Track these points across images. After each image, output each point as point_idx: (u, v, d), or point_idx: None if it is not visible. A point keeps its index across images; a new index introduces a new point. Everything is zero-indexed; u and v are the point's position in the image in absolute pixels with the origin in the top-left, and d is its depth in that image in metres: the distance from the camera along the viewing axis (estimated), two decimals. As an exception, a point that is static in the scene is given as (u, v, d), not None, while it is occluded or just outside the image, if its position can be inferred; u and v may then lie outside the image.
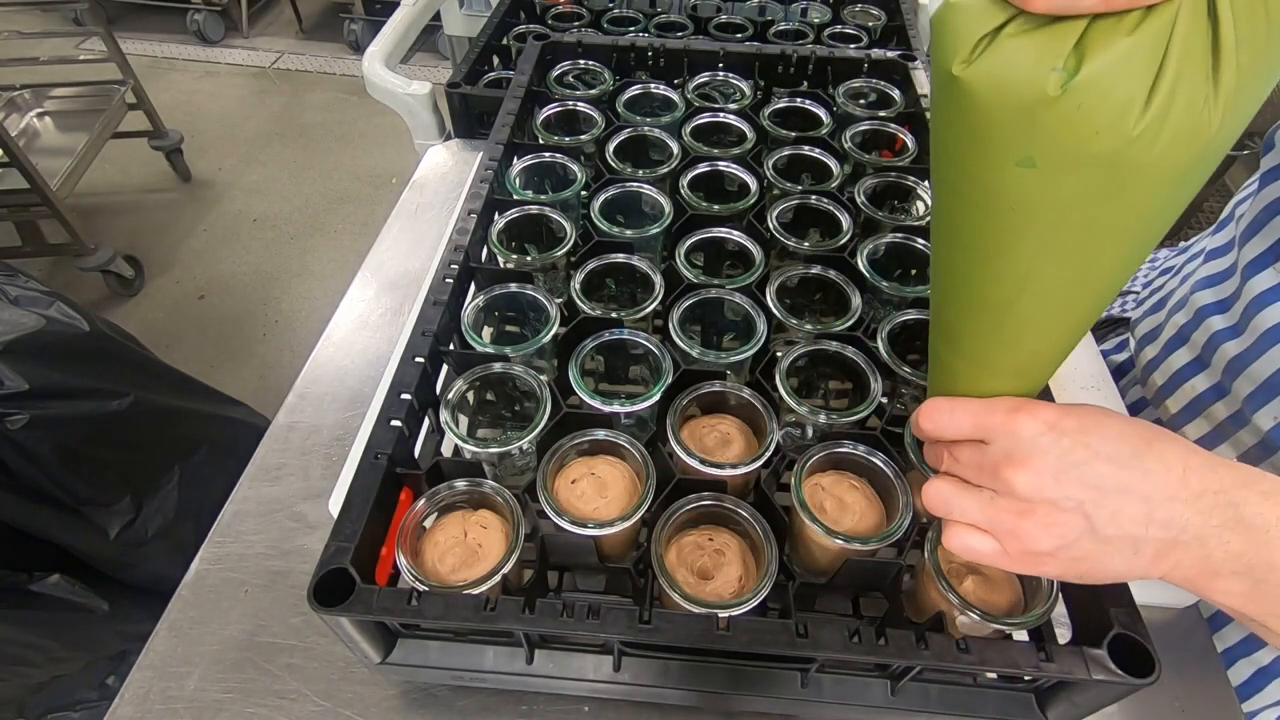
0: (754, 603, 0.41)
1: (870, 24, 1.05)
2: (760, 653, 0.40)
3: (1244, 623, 0.35)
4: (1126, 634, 0.39)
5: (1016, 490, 0.34)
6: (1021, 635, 0.43)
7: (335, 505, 0.59)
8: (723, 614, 0.40)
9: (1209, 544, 0.32)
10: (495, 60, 1.07)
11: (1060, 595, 0.42)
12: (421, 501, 0.46)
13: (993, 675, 0.45)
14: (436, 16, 1.25)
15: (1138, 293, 0.79)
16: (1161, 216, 0.30)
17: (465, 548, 0.45)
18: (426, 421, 0.53)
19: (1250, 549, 0.32)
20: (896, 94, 0.78)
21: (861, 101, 0.79)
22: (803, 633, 0.39)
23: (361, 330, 0.77)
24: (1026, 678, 0.43)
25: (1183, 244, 0.74)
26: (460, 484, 0.47)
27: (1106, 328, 0.80)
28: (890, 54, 0.82)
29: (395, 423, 0.47)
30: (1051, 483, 0.33)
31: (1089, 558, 0.34)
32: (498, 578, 0.42)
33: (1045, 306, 0.33)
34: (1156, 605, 0.57)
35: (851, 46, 0.96)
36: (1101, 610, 0.40)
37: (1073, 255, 0.31)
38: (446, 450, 0.57)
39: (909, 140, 0.73)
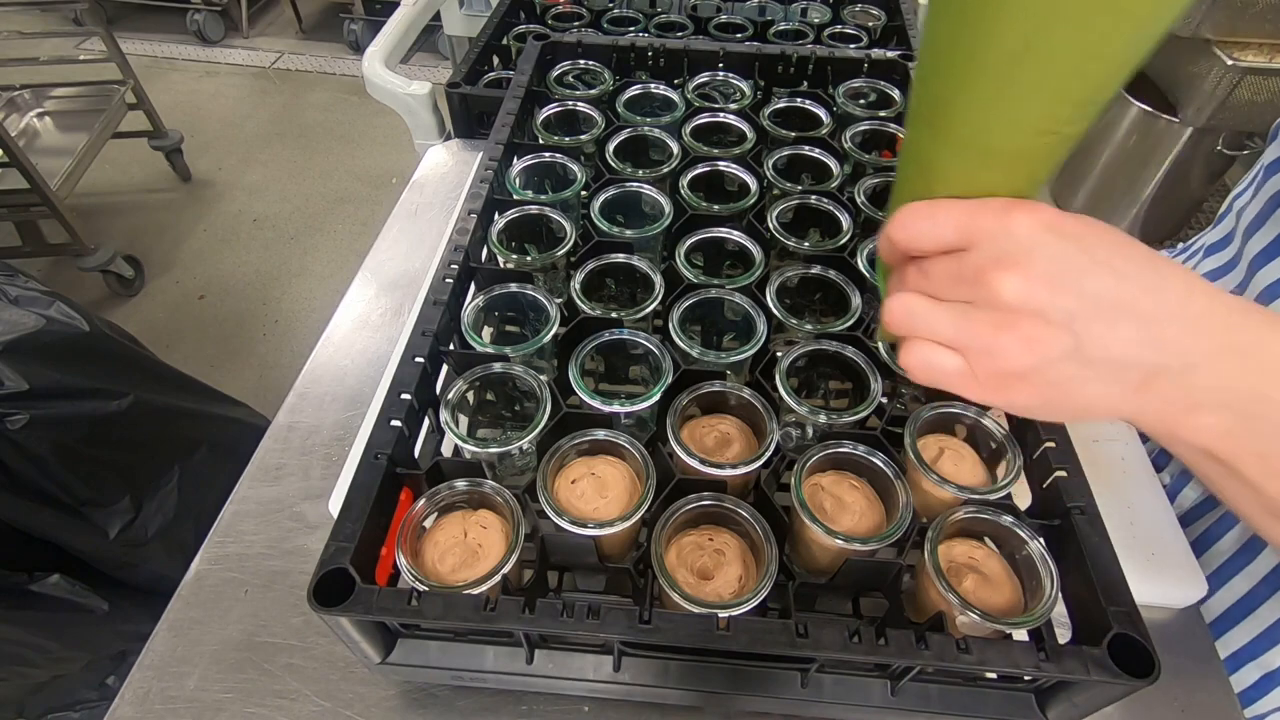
0: (754, 603, 0.41)
1: (870, 24, 1.05)
2: (760, 653, 0.40)
3: (1206, 471, 0.32)
4: (1126, 634, 0.39)
5: (1002, 295, 0.29)
6: (1021, 635, 0.43)
7: (335, 505, 0.59)
8: (723, 614, 0.40)
9: (1199, 371, 0.29)
10: (495, 60, 1.07)
11: (1060, 595, 0.42)
12: (421, 501, 0.46)
13: (993, 675, 0.45)
14: (436, 16, 1.25)
15: None
16: None
17: (465, 548, 0.45)
18: (426, 421, 0.53)
19: (1241, 378, 0.29)
20: (896, 94, 0.78)
21: (861, 101, 0.78)
22: (803, 633, 0.39)
23: (361, 330, 0.77)
24: (1026, 678, 0.43)
25: (1183, 244, 0.74)
26: (460, 484, 0.47)
27: None
28: (890, 54, 0.82)
29: (395, 423, 0.47)
30: (1044, 290, 0.29)
31: (1065, 383, 0.30)
32: (498, 578, 0.42)
33: (1056, 61, 0.27)
34: (1156, 605, 0.58)
35: (851, 46, 0.96)
36: (1101, 610, 0.40)
37: None
38: (446, 450, 0.57)
39: (909, 140, 0.72)
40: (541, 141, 0.72)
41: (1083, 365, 0.30)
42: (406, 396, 0.49)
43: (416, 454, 0.52)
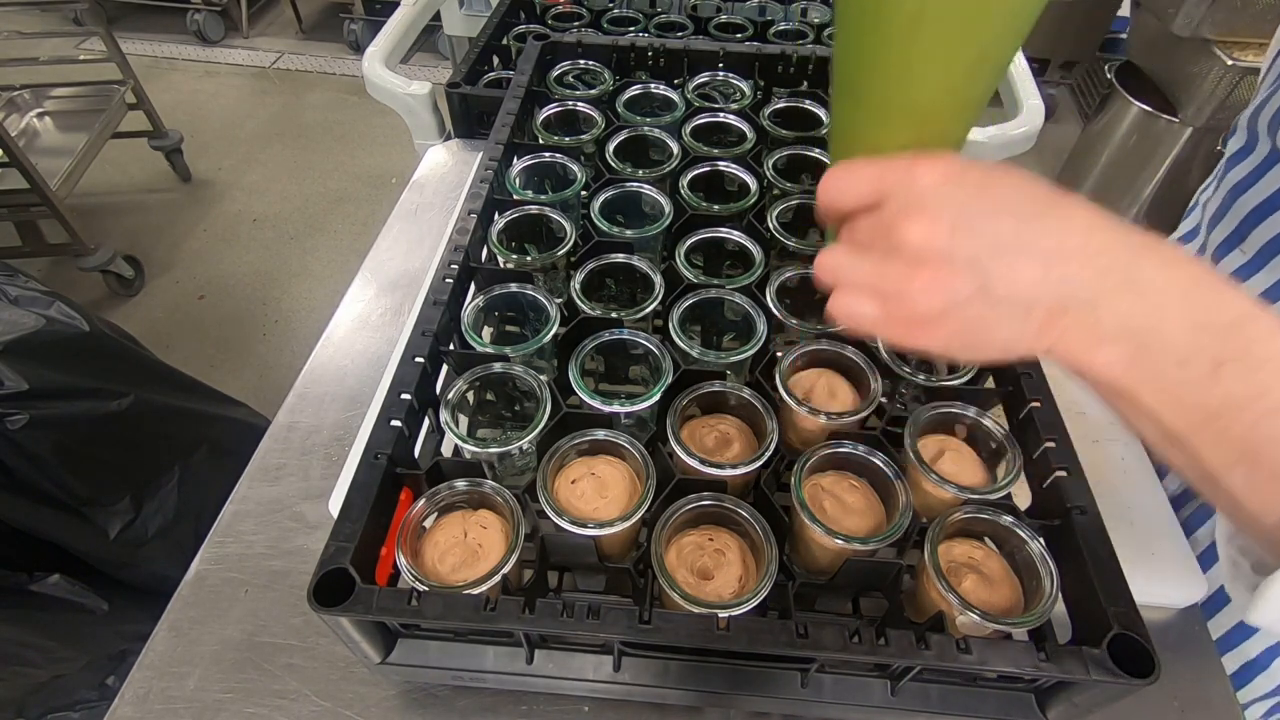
0: (754, 603, 0.41)
1: (870, 24, 1.05)
2: (760, 653, 0.40)
3: (1111, 401, 0.33)
4: (1126, 634, 0.39)
5: (909, 241, 0.31)
6: (1021, 635, 0.43)
7: (335, 505, 0.59)
8: (723, 614, 0.40)
9: (1099, 307, 0.31)
10: (495, 60, 1.07)
11: (1060, 595, 0.42)
12: (421, 501, 0.46)
13: (993, 675, 0.45)
14: (436, 16, 1.25)
15: None
16: None
17: (465, 548, 0.45)
18: (426, 421, 0.53)
19: (1139, 312, 0.30)
20: (896, 94, 0.78)
21: (861, 101, 0.78)
22: (803, 633, 0.39)
23: (361, 330, 0.77)
24: (1026, 678, 0.43)
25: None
26: (460, 484, 0.47)
27: None
28: (890, 54, 0.82)
29: (395, 423, 0.47)
30: (946, 233, 0.31)
31: (976, 324, 0.32)
32: (498, 578, 0.42)
33: (945, 25, 0.32)
34: (1156, 605, 0.58)
35: (851, 46, 0.96)
36: (1101, 610, 0.40)
37: None
38: (446, 450, 0.57)
39: (909, 140, 0.72)
40: (541, 141, 0.72)
41: (990, 306, 0.31)
42: (406, 396, 0.49)
43: (416, 454, 0.52)
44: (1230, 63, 1.77)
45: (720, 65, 0.82)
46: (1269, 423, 0.29)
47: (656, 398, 0.51)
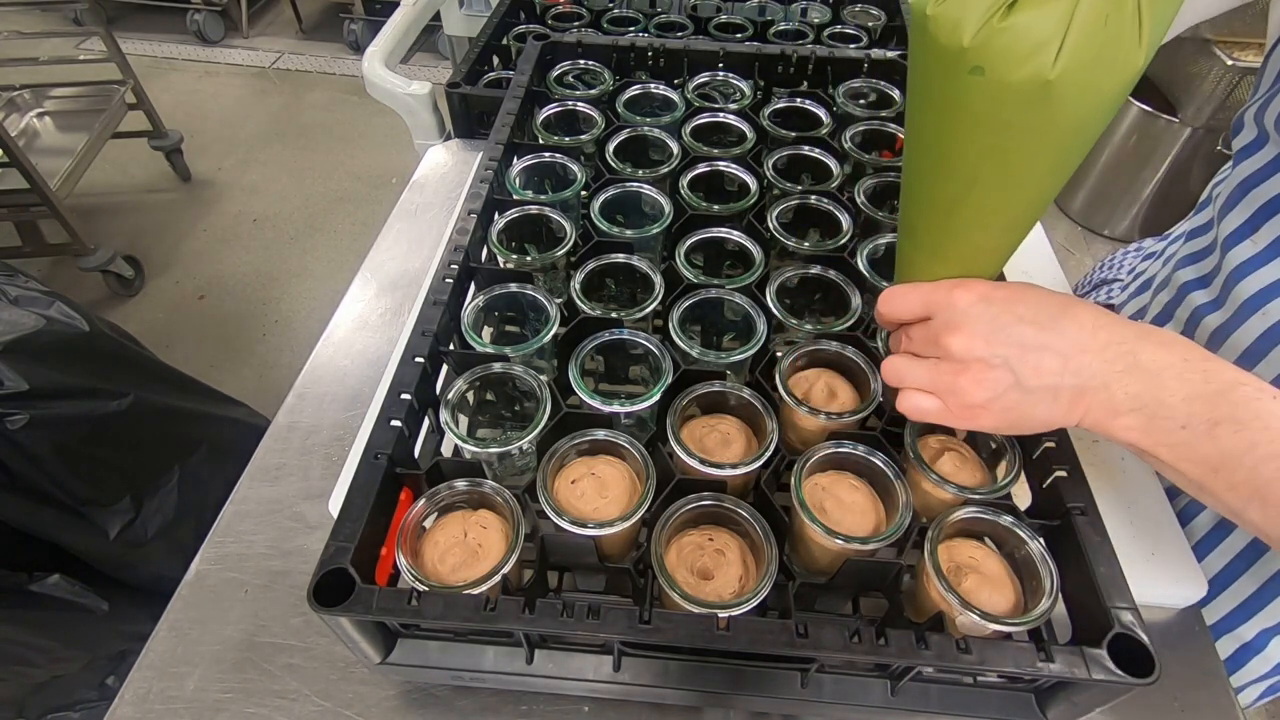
0: (754, 603, 0.41)
1: (870, 24, 1.05)
2: (760, 653, 0.40)
3: (1141, 457, 0.40)
4: (1126, 634, 0.39)
5: (953, 352, 0.40)
6: (1021, 635, 0.43)
7: (335, 505, 0.59)
8: (723, 614, 0.40)
9: (1112, 388, 0.38)
10: (495, 60, 1.07)
11: (1060, 595, 0.42)
12: (421, 501, 0.46)
13: (993, 675, 0.45)
14: (436, 16, 1.25)
15: (1123, 280, 0.80)
16: (1084, 129, 0.36)
17: (465, 548, 0.45)
18: (426, 421, 0.53)
19: (1145, 389, 0.38)
20: (896, 94, 0.78)
21: (861, 101, 0.79)
22: (803, 633, 0.39)
23: (361, 330, 0.77)
24: (1026, 678, 0.43)
25: (1167, 232, 0.75)
26: (460, 484, 0.47)
27: None
28: (890, 54, 0.82)
29: (395, 423, 0.47)
30: (981, 343, 0.39)
31: (1017, 407, 0.40)
32: (498, 578, 0.42)
33: (988, 203, 0.40)
34: (1156, 605, 0.58)
35: (851, 46, 0.96)
36: (1101, 610, 0.40)
37: (1011, 156, 0.37)
38: (446, 450, 0.57)
39: (909, 140, 0.73)
40: (541, 141, 0.72)
41: (1025, 394, 0.39)
42: (406, 396, 0.49)
43: (416, 454, 0.52)
44: (1230, 63, 1.77)
45: (720, 65, 0.82)
46: (1266, 467, 0.35)
47: (656, 398, 0.51)
